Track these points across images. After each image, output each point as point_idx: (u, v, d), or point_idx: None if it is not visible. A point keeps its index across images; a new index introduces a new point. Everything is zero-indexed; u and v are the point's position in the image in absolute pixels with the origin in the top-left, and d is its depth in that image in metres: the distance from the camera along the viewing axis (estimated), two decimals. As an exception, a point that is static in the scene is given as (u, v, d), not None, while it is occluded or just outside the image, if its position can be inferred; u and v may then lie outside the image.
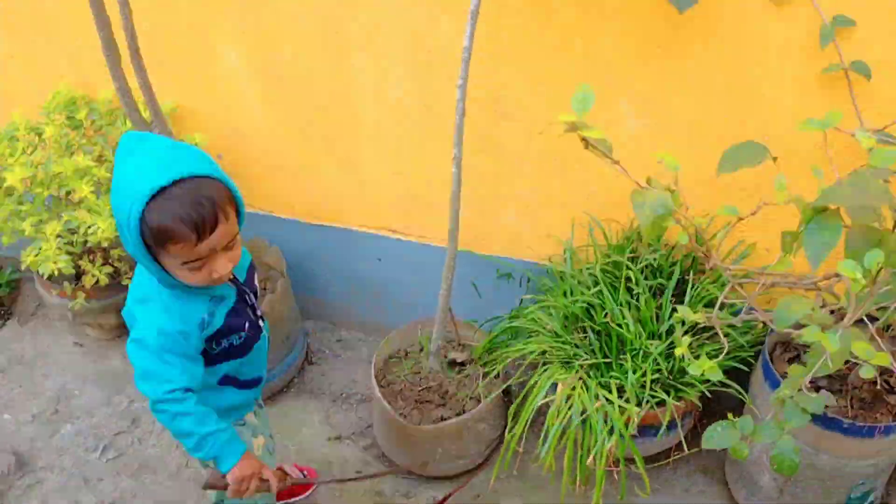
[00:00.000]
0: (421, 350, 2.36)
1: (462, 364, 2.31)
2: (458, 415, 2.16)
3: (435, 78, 2.11)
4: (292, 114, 2.37)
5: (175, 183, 1.29)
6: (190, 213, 1.30)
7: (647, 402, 1.88)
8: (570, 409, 1.91)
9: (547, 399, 1.97)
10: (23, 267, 2.23)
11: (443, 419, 2.17)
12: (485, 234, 2.34)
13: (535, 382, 2.01)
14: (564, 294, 2.12)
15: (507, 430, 2.05)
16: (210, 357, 1.55)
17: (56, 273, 2.17)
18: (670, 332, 1.98)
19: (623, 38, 1.87)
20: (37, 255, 2.19)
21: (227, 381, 1.64)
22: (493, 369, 2.19)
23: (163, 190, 1.28)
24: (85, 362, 2.70)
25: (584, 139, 1.31)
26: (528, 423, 1.99)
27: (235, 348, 1.58)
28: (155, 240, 1.32)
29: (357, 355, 2.69)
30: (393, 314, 2.63)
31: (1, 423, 2.50)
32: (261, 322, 1.67)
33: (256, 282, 1.69)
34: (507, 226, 2.30)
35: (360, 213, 2.49)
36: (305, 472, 2.26)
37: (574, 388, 1.94)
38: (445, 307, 2.16)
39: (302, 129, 2.38)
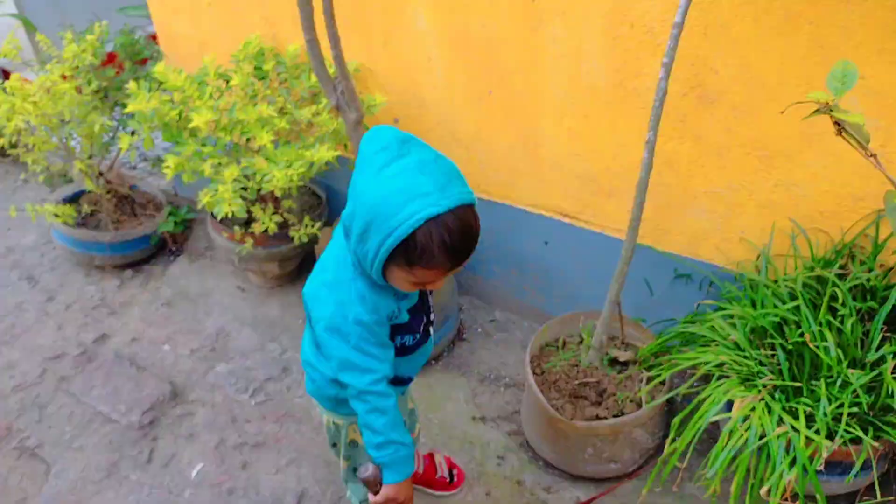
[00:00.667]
0: (580, 342, 2.23)
1: (624, 364, 2.16)
2: (615, 416, 2.02)
3: (634, 54, 1.96)
4: (474, 82, 2.28)
5: (450, 210, 1.21)
6: (456, 247, 1.23)
7: (841, 436, 1.66)
8: (747, 429, 1.72)
9: (719, 416, 1.79)
10: (199, 206, 2.28)
11: (598, 418, 2.04)
12: (666, 230, 2.17)
13: (708, 396, 1.83)
14: (753, 304, 1.92)
15: (667, 442, 1.88)
16: None
17: (229, 215, 2.20)
18: (877, 363, 1.74)
19: (862, 29, 1.64)
20: (213, 197, 2.22)
21: None
22: (659, 374, 2.03)
23: (438, 215, 1.20)
24: (245, 306, 2.76)
25: (837, 124, 1.12)
26: (695, 438, 1.82)
27: (407, 348, 1.54)
28: (407, 257, 1.24)
29: (510, 338, 2.59)
30: (552, 302, 2.51)
31: (161, 353, 2.60)
32: (431, 328, 1.61)
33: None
34: (694, 223, 2.11)
35: (531, 191, 2.38)
36: (455, 471, 2.17)
37: (754, 409, 1.75)
38: (615, 299, 2.01)
39: (481, 98, 2.29)
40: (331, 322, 1.41)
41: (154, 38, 2.94)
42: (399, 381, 1.63)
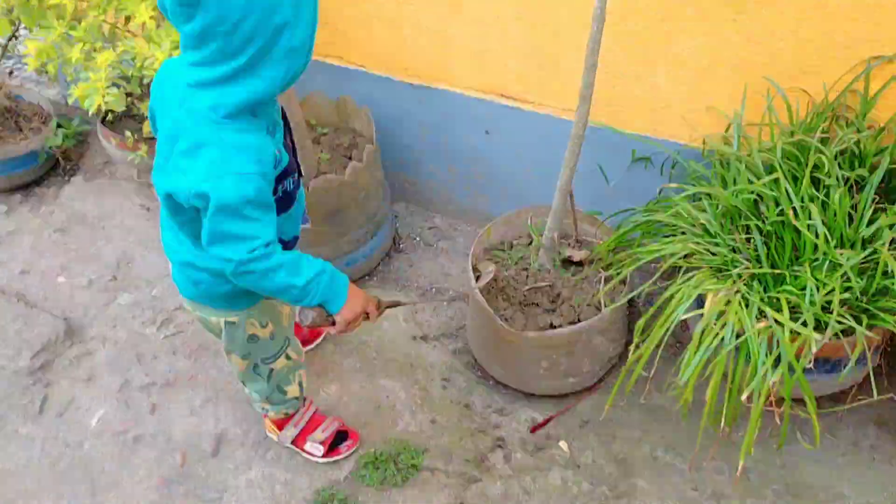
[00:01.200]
0: (530, 243, 1.95)
1: (579, 264, 1.89)
2: (571, 323, 1.75)
3: None
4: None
5: None
6: None
7: (832, 328, 1.41)
8: (722, 327, 1.47)
9: (688, 314, 1.53)
10: (69, 100, 1.90)
11: (552, 326, 1.77)
12: (622, 105, 1.87)
13: (676, 292, 1.56)
14: (724, 183, 1.64)
15: (631, 349, 1.62)
16: None
17: (103, 106, 1.84)
18: (869, 241, 1.49)
19: None
20: (84, 88, 1.86)
21: None
22: (619, 273, 1.76)
23: None
24: (150, 228, 2.42)
25: None
26: (662, 341, 1.55)
27: (286, 196, 1.31)
28: None
29: (452, 246, 2.30)
30: (498, 202, 2.22)
31: (54, 286, 2.26)
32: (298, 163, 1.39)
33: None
34: (653, 94, 1.81)
35: (468, 71, 2.04)
36: (348, 441, 1.80)
37: (729, 303, 1.49)
38: (566, 187, 1.72)
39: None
40: (215, 193, 1.13)
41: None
42: (287, 245, 1.40)
